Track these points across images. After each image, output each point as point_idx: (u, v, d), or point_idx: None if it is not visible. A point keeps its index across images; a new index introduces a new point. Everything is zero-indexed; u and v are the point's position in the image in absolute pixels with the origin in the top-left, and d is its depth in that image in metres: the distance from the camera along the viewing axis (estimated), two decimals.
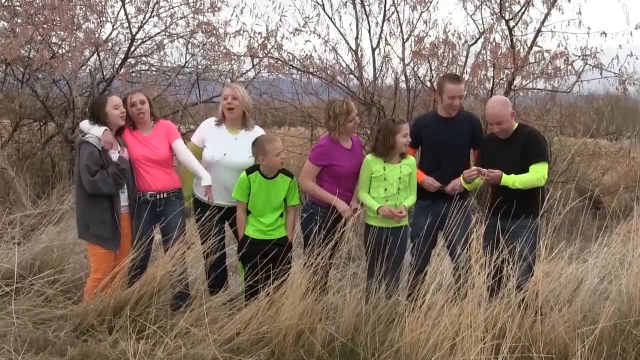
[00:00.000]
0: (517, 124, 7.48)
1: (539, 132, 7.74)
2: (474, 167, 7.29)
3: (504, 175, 7.12)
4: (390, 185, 7.37)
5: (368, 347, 6.58)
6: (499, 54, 12.46)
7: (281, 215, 7.43)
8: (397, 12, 13.35)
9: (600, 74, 12.72)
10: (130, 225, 7.52)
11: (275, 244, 7.30)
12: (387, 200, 7.37)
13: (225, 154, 7.54)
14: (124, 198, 7.41)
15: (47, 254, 8.39)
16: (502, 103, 7.38)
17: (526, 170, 7.20)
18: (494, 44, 12.65)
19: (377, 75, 13.70)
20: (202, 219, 7.52)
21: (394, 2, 13.41)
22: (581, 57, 12.57)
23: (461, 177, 7.43)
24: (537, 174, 7.19)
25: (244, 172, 7.36)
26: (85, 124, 7.39)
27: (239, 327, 6.80)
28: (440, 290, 6.81)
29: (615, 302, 6.99)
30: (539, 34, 12.90)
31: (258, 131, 7.85)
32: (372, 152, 7.50)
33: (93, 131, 7.23)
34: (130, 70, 14.66)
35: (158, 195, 7.61)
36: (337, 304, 7.27)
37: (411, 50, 13.04)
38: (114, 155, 7.30)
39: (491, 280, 6.65)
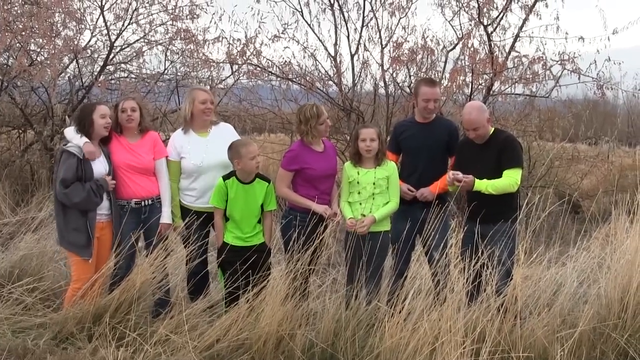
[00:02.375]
0: (493, 129, 7.51)
1: (515, 138, 7.74)
2: (451, 172, 7.30)
3: (477, 181, 7.14)
4: (363, 189, 7.39)
5: (348, 353, 6.58)
6: (477, 59, 12.51)
7: (259, 222, 7.41)
8: (376, 18, 13.39)
9: (579, 78, 12.75)
10: (112, 234, 7.49)
11: (254, 250, 7.29)
12: (360, 204, 7.40)
13: (204, 157, 7.56)
14: (105, 206, 7.39)
15: (25, 261, 8.39)
16: (478, 109, 7.40)
17: (500, 176, 7.23)
18: (472, 49, 12.68)
19: (356, 81, 13.71)
20: (187, 224, 7.59)
21: (372, 9, 13.47)
22: (559, 62, 12.61)
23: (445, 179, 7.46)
24: (509, 179, 7.21)
25: (221, 178, 7.36)
26: (69, 132, 7.38)
27: (218, 334, 6.77)
28: (420, 295, 6.83)
29: (594, 305, 7.07)
30: (517, 39, 12.94)
31: (224, 125, 8.07)
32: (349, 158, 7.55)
33: (75, 140, 7.22)
34: (110, 78, 14.62)
35: (143, 202, 7.60)
36: (317, 310, 7.27)
37: (390, 56, 13.07)
38: (99, 165, 7.31)
39: (470, 285, 6.68)
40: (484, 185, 7.15)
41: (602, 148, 16.73)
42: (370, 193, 7.38)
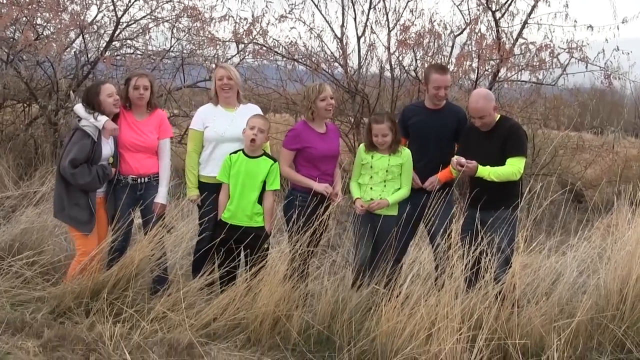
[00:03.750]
0: (499, 116, 7.48)
1: (520, 126, 7.69)
2: (454, 157, 7.28)
3: (480, 167, 7.13)
4: (375, 173, 7.43)
5: (344, 336, 6.57)
6: (483, 45, 12.45)
7: (260, 203, 7.38)
8: (384, 0, 13.33)
9: (586, 67, 12.70)
10: (106, 210, 7.52)
11: (250, 232, 7.25)
12: (371, 189, 7.43)
13: (227, 128, 7.56)
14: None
15: (26, 235, 8.40)
16: (485, 97, 7.36)
17: (504, 163, 7.21)
18: (479, 34, 12.61)
19: (361, 64, 13.69)
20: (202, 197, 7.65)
21: None
22: (567, 50, 12.54)
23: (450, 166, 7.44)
24: (512, 167, 7.19)
25: (229, 154, 7.38)
26: (80, 110, 7.37)
27: (215, 313, 6.79)
28: (418, 280, 6.82)
29: (593, 296, 7.05)
30: (526, 26, 12.88)
31: (253, 106, 8.05)
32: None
33: (92, 120, 7.24)
34: (115, 54, 14.57)
35: (139, 180, 7.60)
36: (314, 291, 7.27)
37: (396, 39, 13.00)
38: (106, 147, 7.35)
39: (469, 272, 6.67)
40: (487, 172, 7.13)
41: (607, 138, 16.65)
42: (382, 179, 7.43)
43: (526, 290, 7.28)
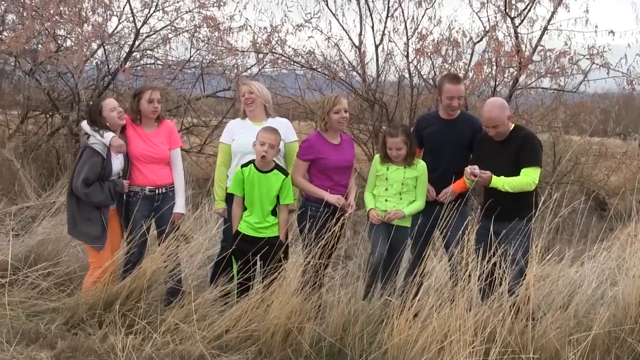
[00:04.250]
0: (513, 126, 7.40)
1: (535, 136, 7.60)
2: (469, 167, 7.23)
3: (494, 177, 7.06)
4: (390, 185, 7.39)
5: (356, 348, 6.54)
6: (501, 52, 12.38)
7: (274, 214, 7.37)
8: (402, 8, 13.37)
9: (607, 73, 12.61)
10: (119, 221, 7.54)
11: (265, 242, 7.23)
12: (386, 200, 7.39)
13: (253, 140, 7.48)
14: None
15: (42, 246, 8.46)
16: (500, 107, 7.27)
17: (518, 173, 7.14)
18: (496, 42, 12.54)
19: (380, 72, 13.64)
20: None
21: None
22: (587, 56, 12.44)
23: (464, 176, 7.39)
24: (527, 178, 7.11)
25: (240, 166, 7.37)
26: (87, 127, 7.39)
27: (228, 325, 6.77)
28: (428, 292, 6.77)
29: (611, 308, 6.91)
30: (546, 32, 12.80)
31: (282, 120, 8.05)
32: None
33: (99, 136, 7.25)
34: (136, 64, 14.64)
35: (157, 190, 7.62)
36: (326, 303, 7.23)
37: (414, 47, 12.97)
38: (117, 162, 7.36)
39: (483, 283, 6.62)
40: (501, 183, 7.06)
41: (631, 145, 16.49)
42: (398, 191, 7.39)
43: (543, 302, 7.21)
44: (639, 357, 6.57)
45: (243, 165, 7.36)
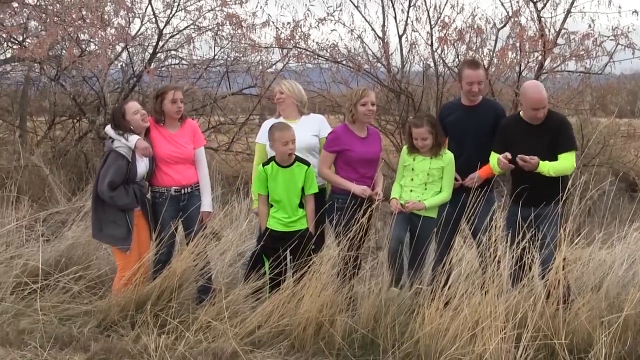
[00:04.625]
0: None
1: (568, 120, 7.58)
2: (506, 154, 7.14)
3: (540, 163, 7.01)
4: (416, 176, 7.39)
5: (388, 339, 6.55)
6: (525, 37, 12.31)
7: (301, 206, 7.40)
8: None
9: (633, 53, 12.48)
10: (147, 222, 7.56)
11: (297, 236, 7.27)
12: (411, 191, 7.39)
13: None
14: None
15: (73, 250, 8.53)
16: (543, 88, 7.28)
17: (553, 158, 7.09)
18: (519, 27, 12.47)
19: (404, 63, 13.61)
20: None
21: None
22: (612, 37, 12.34)
23: (494, 162, 7.36)
24: (568, 162, 7.10)
25: (260, 165, 7.39)
26: (111, 131, 7.42)
27: (260, 320, 6.81)
28: (459, 280, 6.76)
29: None
30: (569, 15, 12.69)
31: (316, 116, 8.18)
32: None
33: (124, 141, 7.29)
34: (160, 65, 14.71)
35: (183, 190, 7.63)
36: (357, 294, 7.24)
37: (437, 36, 12.93)
38: (142, 165, 7.39)
39: (514, 267, 6.61)
40: (547, 168, 7.02)
41: None
42: (423, 181, 7.37)
43: (574, 284, 7.17)
44: None
45: (264, 164, 7.38)
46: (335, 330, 6.65)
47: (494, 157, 7.35)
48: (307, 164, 7.40)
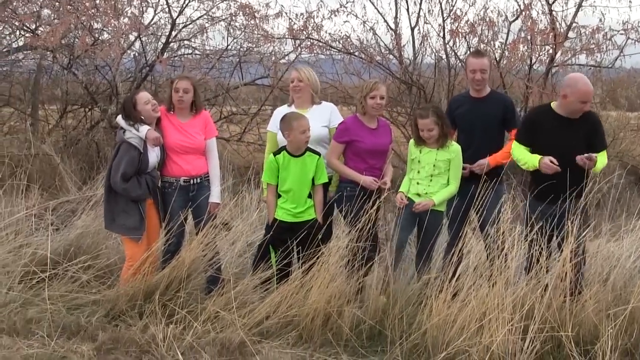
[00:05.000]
0: None
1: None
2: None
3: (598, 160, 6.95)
4: (422, 168, 7.39)
5: (396, 330, 6.55)
6: (535, 30, 12.32)
7: (310, 197, 7.41)
8: None
9: None
10: (157, 211, 7.58)
11: (306, 226, 7.29)
12: (418, 183, 7.39)
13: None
14: None
15: (82, 239, 8.51)
16: None
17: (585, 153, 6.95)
18: (530, 20, 12.48)
19: (416, 55, 13.64)
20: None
21: None
22: (622, 32, 12.35)
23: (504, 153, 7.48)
24: (605, 160, 7.11)
25: (271, 154, 7.40)
26: (122, 120, 7.44)
27: (268, 311, 6.82)
28: (467, 272, 6.77)
29: None
30: (580, 9, 12.70)
31: (327, 105, 8.06)
32: None
33: (135, 131, 7.30)
34: (173, 55, 14.72)
35: (192, 181, 7.64)
36: (365, 285, 7.26)
37: (450, 29, 12.94)
38: (153, 155, 7.41)
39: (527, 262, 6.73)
40: (600, 165, 7.04)
41: None
42: (429, 174, 7.36)
43: (585, 276, 7.17)
44: None
45: (275, 153, 7.38)
46: (343, 322, 6.65)
47: (519, 149, 7.28)
48: (318, 154, 7.41)
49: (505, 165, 7.55)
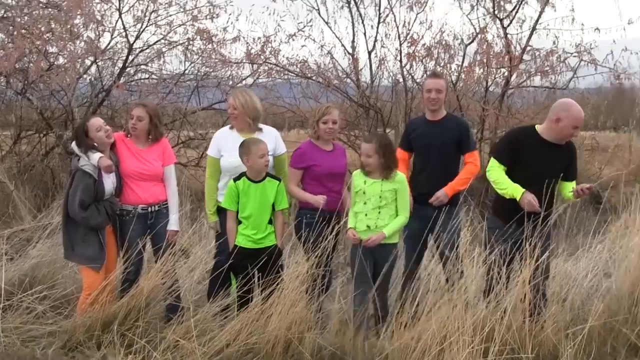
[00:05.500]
0: None
1: None
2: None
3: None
4: (368, 200, 7.20)
5: (358, 356, 6.55)
6: (491, 53, 12.48)
7: (270, 222, 7.36)
8: (393, 13, 13.44)
9: (595, 69, 12.78)
10: (115, 240, 7.52)
11: (265, 252, 7.22)
12: (366, 215, 7.19)
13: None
14: None
15: (37, 269, 8.38)
16: None
17: (560, 177, 7.02)
18: (485, 43, 12.63)
19: (373, 78, 13.71)
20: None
21: (389, 4, 13.47)
22: (575, 54, 12.57)
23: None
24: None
25: (232, 180, 7.32)
26: (76, 148, 7.36)
27: (228, 339, 6.73)
28: (428, 294, 6.77)
29: (605, 300, 7.00)
30: (534, 32, 12.92)
31: (270, 131, 7.87)
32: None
33: (89, 159, 7.23)
34: (130, 80, 14.65)
35: (150, 208, 7.58)
36: (326, 311, 7.24)
37: (406, 52, 13.04)
38: (109, 182, 7.33)
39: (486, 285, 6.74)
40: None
41: (621, 137, 16.59)
42: (376, 205, 7.18)
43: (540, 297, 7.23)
44: (634, 347, 6.69)
45: (235, 179, 7.31)
46: (304, 348, 6.62)
47: (498, 170, 7.17)
48: (278, 179, 7.38)
49: (464, 191, 7.58)
